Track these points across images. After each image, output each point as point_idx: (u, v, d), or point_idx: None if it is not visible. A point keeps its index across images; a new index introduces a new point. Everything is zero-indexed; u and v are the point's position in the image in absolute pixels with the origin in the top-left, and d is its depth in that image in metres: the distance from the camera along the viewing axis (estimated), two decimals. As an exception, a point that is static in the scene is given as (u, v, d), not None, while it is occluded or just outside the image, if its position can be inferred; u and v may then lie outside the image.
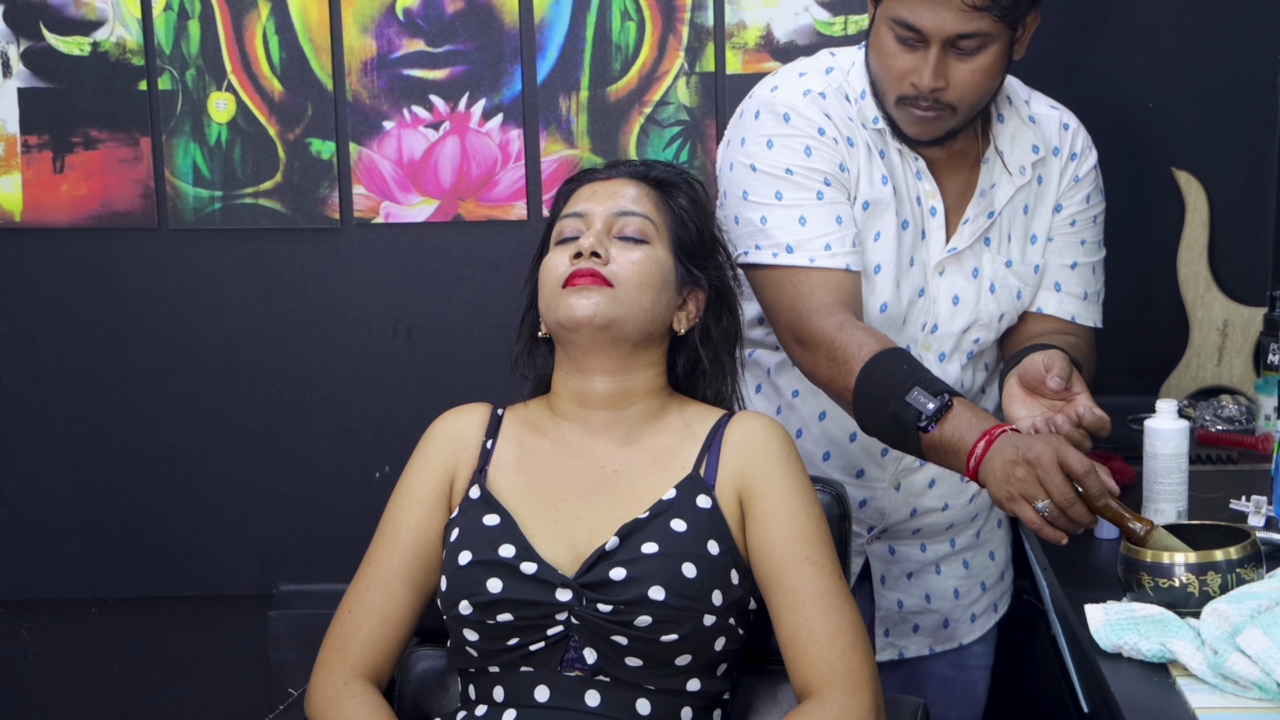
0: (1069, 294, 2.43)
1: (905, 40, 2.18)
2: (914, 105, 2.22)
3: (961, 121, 2.26)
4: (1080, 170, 2.41)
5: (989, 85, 2.22)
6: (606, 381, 2.02)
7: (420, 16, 2.99)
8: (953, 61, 2.17)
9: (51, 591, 3.20)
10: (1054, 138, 2.40)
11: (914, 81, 2.18)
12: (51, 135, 3.03)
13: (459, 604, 1.93)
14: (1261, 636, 1.64)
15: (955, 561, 2.55)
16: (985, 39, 2.15)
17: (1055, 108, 2.44)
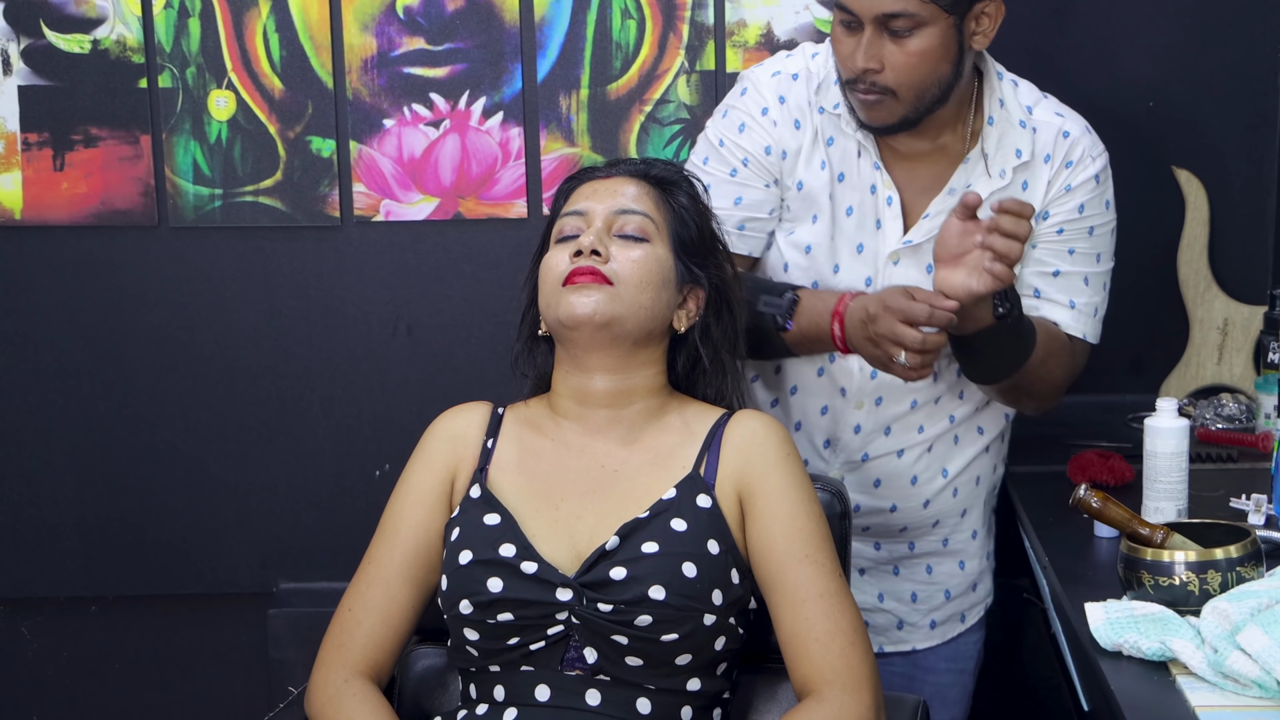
0: (1049, 301, 2.37)
1: (846, 24, 2.24)
2: (856, 89, 2.26)
3: (912, 110, 2.26)
4: (1075, 179, 2.37)
5: (929, 70, 2.23)
6: (606, 380, 2.02)
7: (420, 14, 2.99)
8: (887, 44, 2.21)
9: (51, 589, 3.20)
10: (1047, 145, 2.36)
11: (850, 65, 2.24)
12: (52, 133, 3.03)
13: (459, 603, 1.93)
14: (1261, 635, 1.64)
15: (916, 565, 2.52)
16: (916, 20, 2.19)
17: (1061, 114, 2.40)
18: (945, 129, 2.34)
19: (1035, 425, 2.82)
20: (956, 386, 2.44)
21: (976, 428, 2.48)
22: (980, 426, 2.48)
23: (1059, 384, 2.37)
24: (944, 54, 2.23)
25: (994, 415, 2.50)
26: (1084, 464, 2.41)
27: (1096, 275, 2.41)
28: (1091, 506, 1.93)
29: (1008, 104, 2.37)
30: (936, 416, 2.44)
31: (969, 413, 2.46)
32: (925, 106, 2.26)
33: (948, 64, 2.24)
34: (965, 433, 2.47)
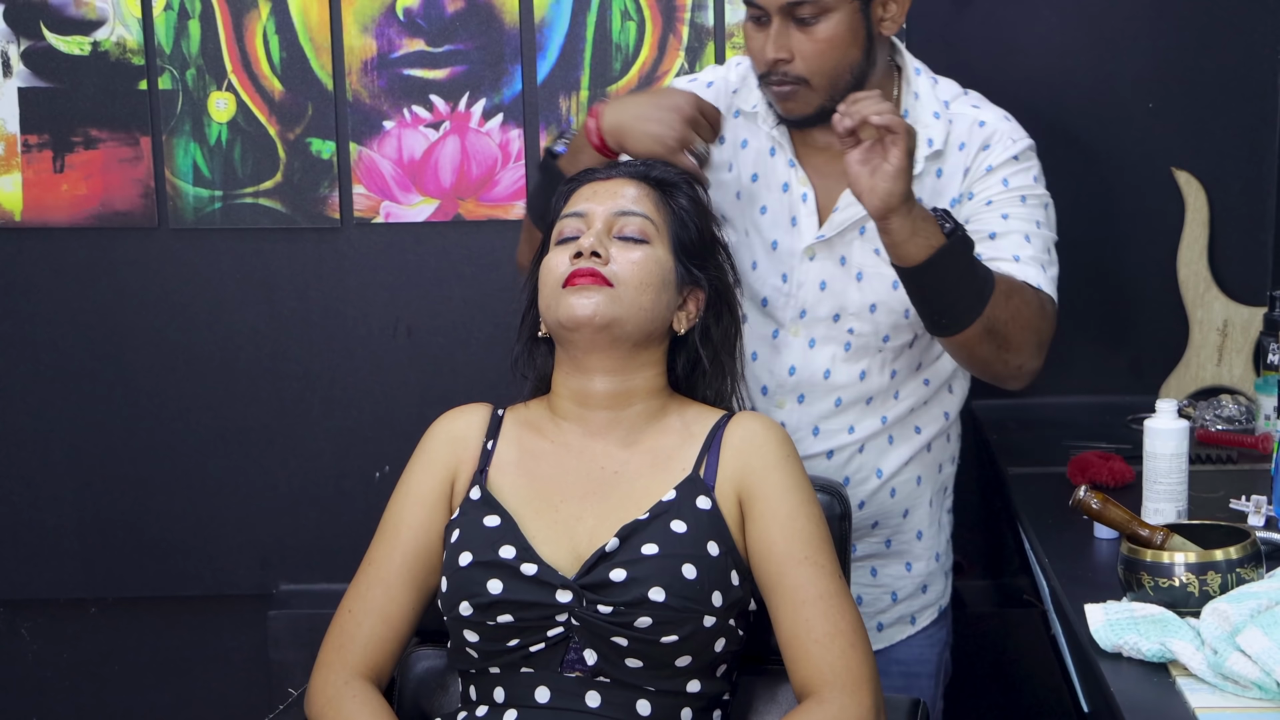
0: (995, 260, 2.29)
1: (756, 19, 2.27)
2: (770, 83, 2.29)
3: (827, 98, 2.27)
4: (994, 160, 2.36)
5: (839, 57, 2.26)
6: (606, 381, 2.02)
7: (420, 16, 2.99)
8: (795, 34, 2.24)
9: (51, 591, 3.21)
10: (962, 134, 2.37)
11: (763, 57, 2.27)
12: (52, 135, 3.03)
13: (459, 605, 1.93)
14: (1261, 636, 1.64)
15: (859, 568, 2.48)
16: (820, 7, 2.22)
17: (979, 107, 2.41)
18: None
19: (1035, 427, 2.82)
20: (891, 387, 2.43)
21: (914, 427, 2.46)
22: (918, 426, 2.47)
23: (1032, 327, 2.25)
24: (852, 39, 2.26)
25: (933, 414, 2.48)
26: (1084, 465, 2.41)
27: (1038, 235, 2.35)
28: (1091, 508, 1.93)
29: (922, 97, 2.39)
30: (868, 416, 2.43)
31: (904, 413, 2.45)
32: (840, 94, 2.25)
33: (857, 50, 2.27)
34: (900, 432, 2.46)
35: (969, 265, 2.15)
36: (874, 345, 2.40)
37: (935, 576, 2.53)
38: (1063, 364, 3.03)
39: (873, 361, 2.40)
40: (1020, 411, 2.95)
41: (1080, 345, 3.03)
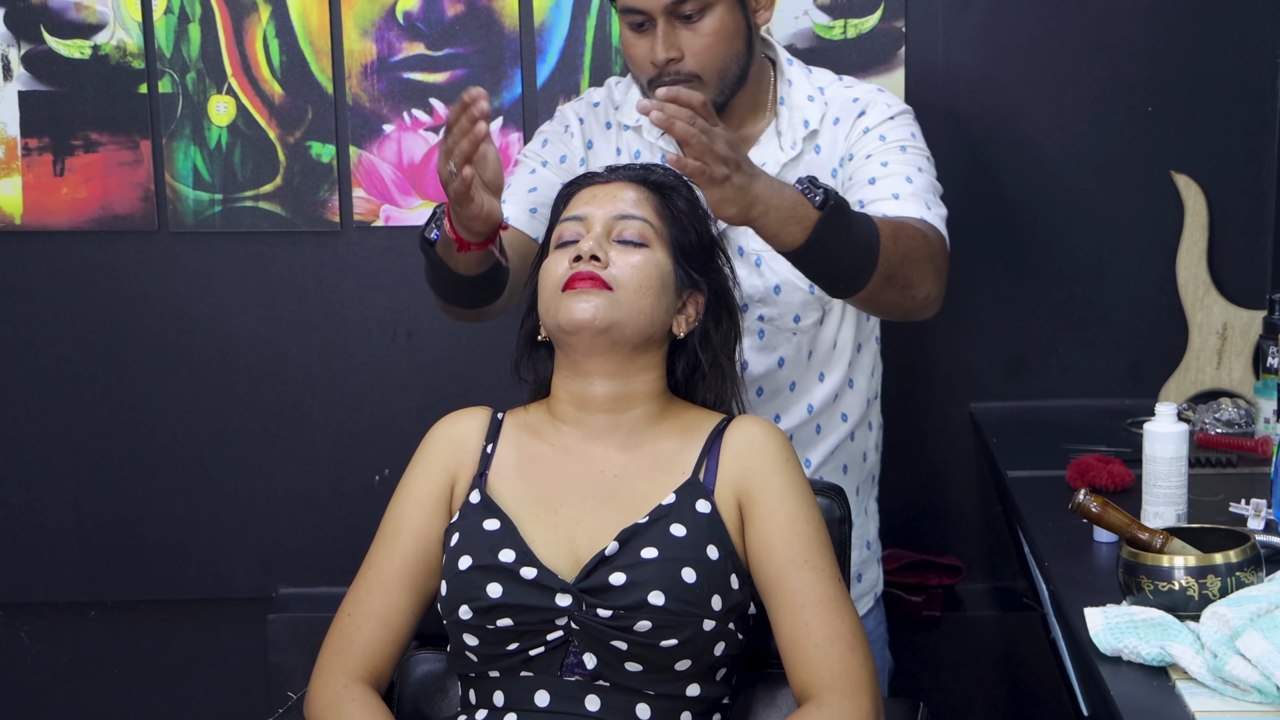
0: (873, 202, 2.30)
1: (637, 25, 2.31)
2: (662, 83, 2.28)
3: (718, 92, 2.33)
4: (870, 122, 2.40)
5: (726, 49, 2.31)
6: (606, 385, 2.02)
7: (420, 20, 2.99)
8: (681, 32, 2.29)
9: (51, 594, 3.21)
10: (837, 111, 2.43)
11: (652, 61, 2.30)
12: (52, 138, 3.03)
13: (459, 609, 1.93)
14: (1261, 640, 1.64)
15: None
16: (703, 3, 2.28)
17: (852, 87, 2.47)
18: (748, 116, 2.43)
19: (1035, 430, 2.83)
20: (811, 369, 2.45)
21: (840, 414, 2.50)
22: (844, 413, 2.50)
23: (924, 257, 2.22)
24: (736, 30, 2.32)
25: (857, 399, 2.51)
26: (1083, 468, 2.41)
27: (920, 177, 2.35)
28: (1091, 511, 1.93)
29: (796, 83, 2.44)
30: (793, 405, 2.46)
31: (828, 399, 2.47)
32: (729, 87, 2.34)
33: (741, 40, 2.33)
34: (827, 420, 2.49)
35: (849, 228, 2.09)
36: (787, 328, 2.43)
37: (868, 564, 2.56)
38: (1062, 367, 3.04)
39: (788, 347, 2.44)
40: (1019, 414, 2.95)
41: (1080, 348, 3.04)
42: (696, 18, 2.29)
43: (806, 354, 2.45)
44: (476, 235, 2.04)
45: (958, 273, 2.98)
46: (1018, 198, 3.00)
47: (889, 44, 2.95)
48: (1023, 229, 3.01)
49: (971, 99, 2.97)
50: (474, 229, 2.03)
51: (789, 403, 2.46)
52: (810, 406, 2.46)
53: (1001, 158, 2.99)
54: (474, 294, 2.23)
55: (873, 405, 2.56)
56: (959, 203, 2.98)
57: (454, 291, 2.23)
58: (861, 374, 2.52)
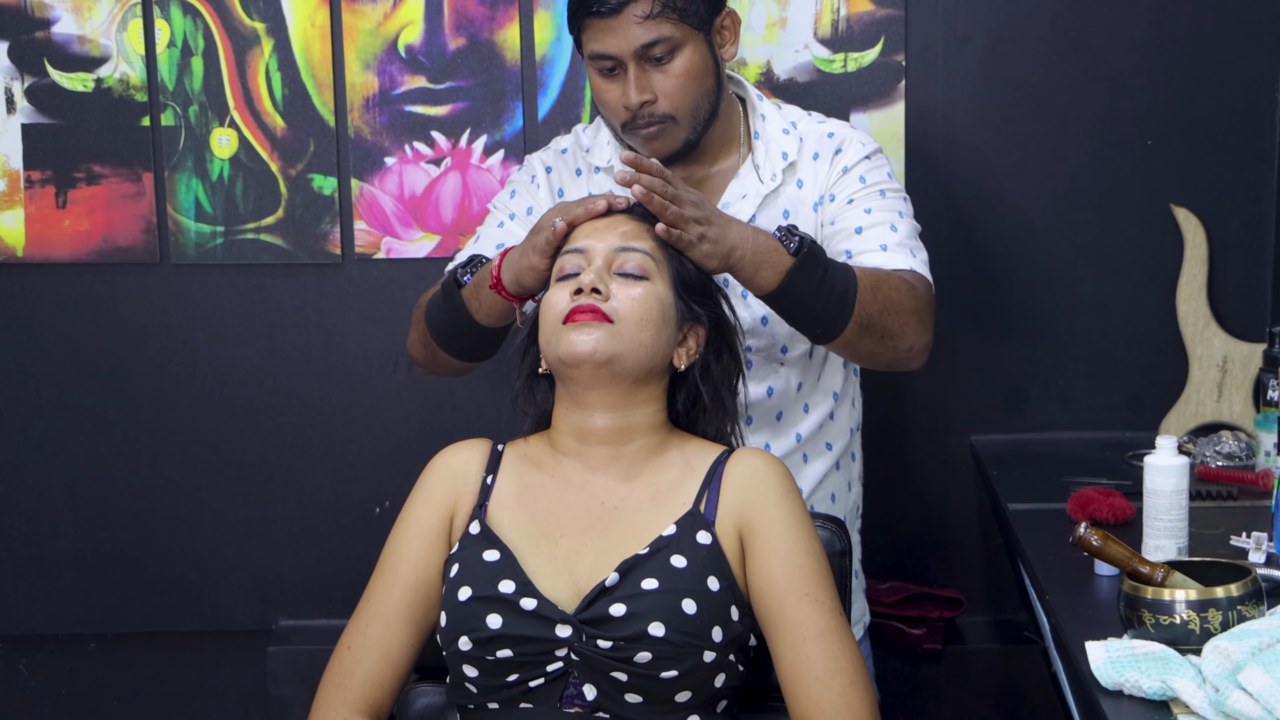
0: (861, 254, 2.35)
1: (607, 70, 2.34)
2: (636, 128, 2.36)
3: (691, 130, 2.37)
4: (848, 161, 2.44)
5: (697, 87, 2.35)
6: (607, 417, 2.02)
7: (422, 53, 3.00)
8: (652, 74, 2.32)
9: (50, 626, 3.20)
10: (814, 145, 2.46)
11: (625, 105, 2.33)
12: (55, 170, 3.04)
13: (458, 640, 1.93)
14: (1263, 674, 1.64)
15: None
16: (672, 43, 2.31)
17: (824, 122, 2.51)
18: (720, 152, 2.46)
19: (1035, 463, 2.83)
20: (799, 400, 2.47)
21: (825, 444, 2.52)
22: (828, 442, 2.52)
23: (907, 310, 2.28)
24: (705, 68, 2.35)
25: (840, 428, 2.53)
26: (1084, 501, 2.41)
27: (902, 223, 2.40)
28: (1092, 545, 1.93)
29: (769, 118, 2.48)
30: (781, 434, 2.47)
31: (814, 428, 2.50)
32: (702, 124, 2.38)
33: (710, 78, 2.37)
34: (813, 450, 2.50)
35: (823, 276, 2.18)
36: (774, 359, 2.46)
37: (855, 595, 2.55)
38: (1063, 400, 3.04)
39: (776, 377, 2.46)
40: (1020, 447, 2.95)
41: (1080, 381, 3.04)
42: (666, 59, 2.32)
43: (795, 385, 2.47)
44: (525, 289, 2.17)
45: (957, 304, 2.99)
46: (1018, 230, 3.01)
47: (889, 78, 2.96)
48: (1023, 261, 3.01)
49: (971, 132, 2.98)
50: (525, 282, 2.15)
51: (778, 432, 2.48)
52: (798, 435, 2.48)
53: (1001, 190, 3.00)
54: (482, 345, 2.36)
55: (855, 437, 2.59)
56: (959, 235, 2.99)
57: (463, 340, 2.34)
58: (844, 405, 2.54)
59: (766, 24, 2.95)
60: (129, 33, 3.00)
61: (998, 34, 2.97)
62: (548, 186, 2.52)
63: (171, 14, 2.99)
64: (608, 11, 2.29)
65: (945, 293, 2.94)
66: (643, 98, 2.32)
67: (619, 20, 2.29)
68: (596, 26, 2.31)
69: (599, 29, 2.31)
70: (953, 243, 2.99)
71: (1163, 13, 2.94)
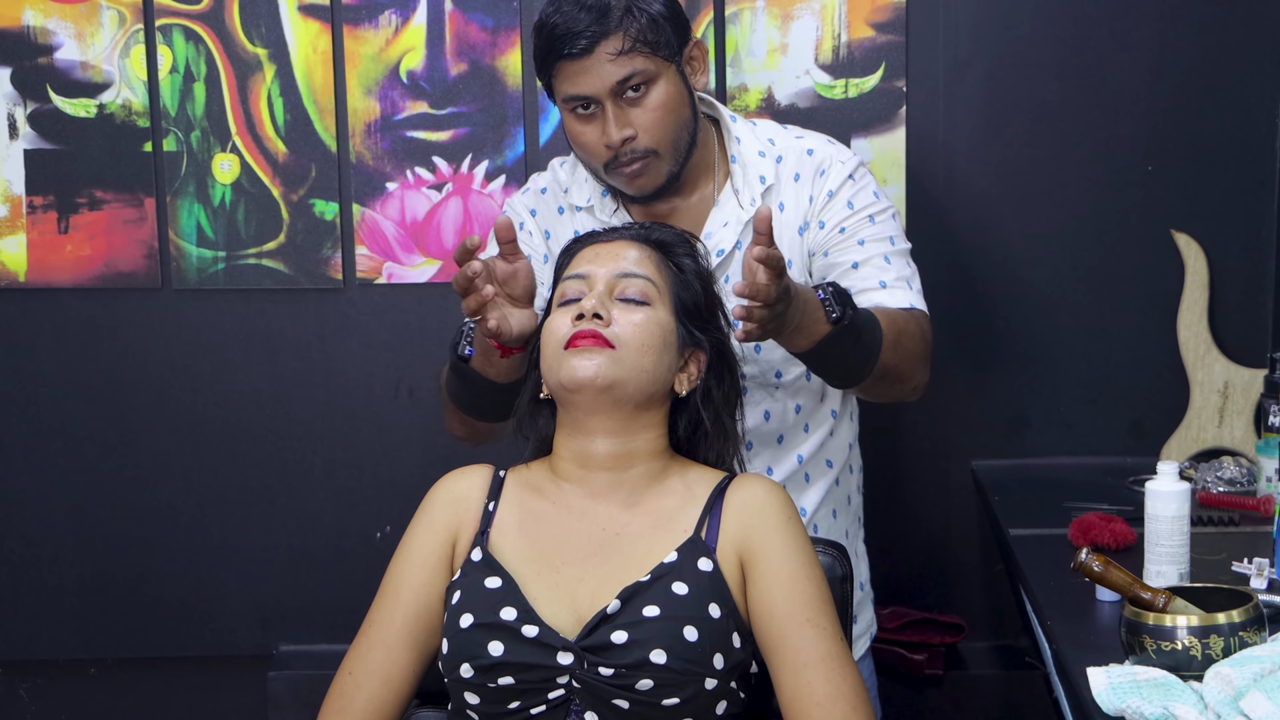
0: (861, 292, 2.36)
1: (582, 110, 2.32)
2: (619, 166, 2.34)
3: (674, 163, 2.36)
4: (832, 184, 2.42)
5: (675, 119, 2.34)
6: (608, 443, 2.02)
7: (424, 79, 3.01)
8: (630, 110, 2.31)
9: (51, 651, 3.20)
10: (794, 165, 2.45)
11: (606, 144, 2.31)
12: (57, 196, 3.05)
13: (460, 667, 1.93)
14: (1265, 701, 1.64)
15: None
16: (646, 76, 2.30)
17: (802, 136, 2.49)
18: (700, 180, 2.45)
19: (1036, 488, 2.83)
20: (799, 422, 2.47)
21: (825, 461, 2.51)
22: (829, 460, 2.52)
23: (918, 355, 2.36)
24: (681, 99, 2.34)
25: (839, 444, 2.53)
26: (1085, 527, 2.41)
27: (896, 254, 2.43)
28: (1093, 571, 1.93)
29: (744, 140, 2.46)
30: (783, 457, 2.47)
31: (815, 448, 2.49)
32: (683, 155, 2.37)
33: (686, 108, 2.36)
34: (814, 469, 2.50)
35: (854, 343, 2.22)
36: (769, 384, 2.45)
37: (863, 605, 2.57)
38: (1064, 425, 3.04)
39: (773, 402, 2.45)
40: (1021, 472, 2.95)
41: (1081, 407, 3.04)
42: (642, 94, 2.31)
43: (794, 408, 2.46)
44: (515, 341, 2.13)
45: (958, 330, 3.00)
46: (1019, 255, 3.01)
47: (890, 103, 2.97)
48: (1024, 286, 3.02)
49: (972, 157, 2.99)
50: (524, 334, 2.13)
51: (779, 455, 2.47)
52: (800, 457, 2.48)
53: (1002, 216, 3.01)
54: (509, 400, 2.22)
55: (854, 449, 2.58)
56: (960, 260, 3.00)
57: (488, 402, 2.29)
58: (843, 421, 2.54)
59: (768, 50, 2.96)
60: (131, 59, 3.01)
61: (998, 60, 2.98)
62: (538, 231, 2.50)
63: (174, 40, 3.00)
64: (579, 52, 2.28)
65: (946, 318, 2.96)
66: (624, 134, 2.30)
67: (591, 60, 2.28)
68: (569, 69, 2.30)
69: (571, 71, 2.30)
70: (954, 268, 3.00)
71: (1163, 39, 2.95)
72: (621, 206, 2.45)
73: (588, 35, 2.27)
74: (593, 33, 2.27)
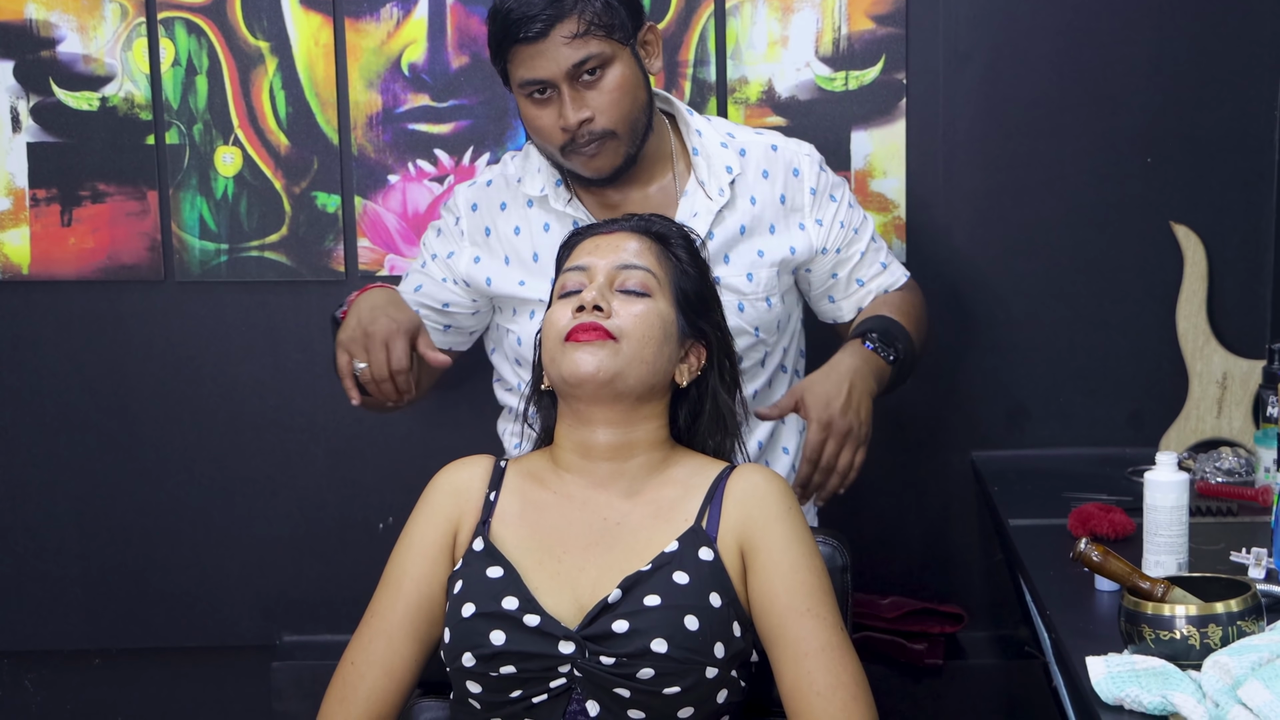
0: (874, 279, 2.61)
1: (538, 94, 2.36)
2: (577, 149, 2.37)
3: (630, 144, 2.39)
4: (810, 182, 2.52)
5: (631, 101, 2.37)
6: (609, 434, 2.03)
7: (425, 71, 3.02)
8: (585, 93, 2.35)
9: (55, 642, 3.21)
10: (761, 161, 2.50)
11: (563, 127, 2.35)
12: (60, 189, 3.05)
13: (462, 656, 1.94)
14: (1263, 689, 1.65)
15: None
16: (602, 59, 2.34)
17: (761, 133, 2.56)
18: (656, 169, 2.48)
19: (1036, 478, 2.83)
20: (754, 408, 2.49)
21: (782, 448, 2.56)
22: (785, 446, 2.56)
23: (928, 321, 2.68)
24: (636, 81, 2.38)
25: (790, 430, 2.58)
26: (1084, 517, 2.41)
27: (870, 228, 2.63)
28: (1092, 560, 1.94)
29: (705, 133, 2.50)
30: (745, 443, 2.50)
31: (768, 434, 2.54)
32: (639, 137, 2.40)
33: (642, 91, 2.40)
34: (772, 456, 2.56)
35: (910, 357, 2.52)
36: (752, 368, 2.50)
37: None
38: (1063, 416, 3.05)
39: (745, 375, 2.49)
40: (1021, 463, 2.96)
41: (1080, 397, 3.05)
42: (598, 77, 2.34)
43: (751, 393, 2.50)
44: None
45: (958, 321, 3.00)
46: (1018, 247, 3.02)
47: (890, 96, 2.98)
48: (1023, 278, 3.02)
49: (972, 149, 2.99)
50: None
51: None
52: (760, 443, 2.52)
53: (1002, 208, 3.01)
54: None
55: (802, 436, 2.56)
56: (959, 252, 3.00)
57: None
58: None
59: (768, 42, 2.97)
60: (134, 52, 3.01)
61: (998, 52, 2.98)
62: (470, 225, 2.53)
63: (176, 33, 3.01)
64: (534, 36, 2.31)
65: (946, 309, 2.97)
66: (580, 116, 2.33)
67: (547, 44, 2.31)
68: (524, 53, 2.33)
69: (527, 55, 2.33)
70: (953, 259, 3.01)
71: (1163, 31, 2.95)
72: (575, 197, 2.47)
73: (542, 19, 2.30)
74: (547, 16, 2.30)
